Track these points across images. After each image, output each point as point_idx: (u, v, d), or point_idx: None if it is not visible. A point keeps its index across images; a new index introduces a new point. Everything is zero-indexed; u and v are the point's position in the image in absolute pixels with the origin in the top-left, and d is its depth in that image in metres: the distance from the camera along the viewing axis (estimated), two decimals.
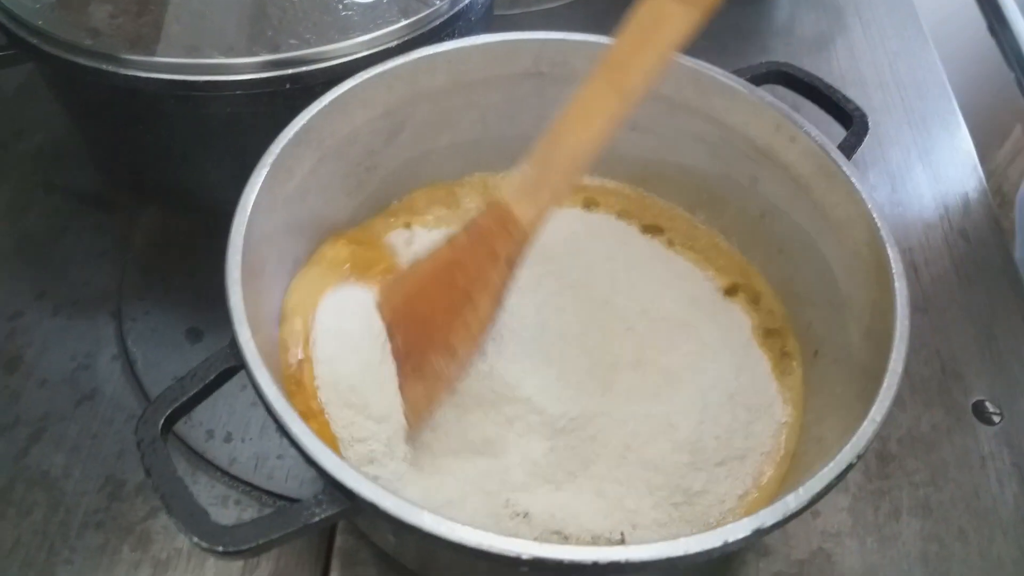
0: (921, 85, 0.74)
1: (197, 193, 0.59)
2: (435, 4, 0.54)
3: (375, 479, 0.38)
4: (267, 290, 0.46)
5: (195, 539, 0.34)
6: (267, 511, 0.49)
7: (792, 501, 0.35)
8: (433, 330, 0.45)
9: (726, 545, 0.33)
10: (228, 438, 0.52)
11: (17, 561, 0.47)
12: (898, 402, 0.54)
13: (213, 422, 0.53)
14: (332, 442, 0.44)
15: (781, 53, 0.76)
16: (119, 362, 0.55)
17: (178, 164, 0.58)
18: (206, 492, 0.50)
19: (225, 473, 0.51)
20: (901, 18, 0.81)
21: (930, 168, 0.68)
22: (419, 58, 0.51)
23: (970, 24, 0.78)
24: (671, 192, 0.58)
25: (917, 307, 0.59)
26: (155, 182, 0.62)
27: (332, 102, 0.49)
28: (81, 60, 0.50)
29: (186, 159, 0.57)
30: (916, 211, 0.65)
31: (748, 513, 0.35)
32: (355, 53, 0.51)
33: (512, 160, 0.57)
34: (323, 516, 0.35)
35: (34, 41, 0.51)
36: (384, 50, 0.52)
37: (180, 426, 0.52)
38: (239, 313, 0.40)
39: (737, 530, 0.34)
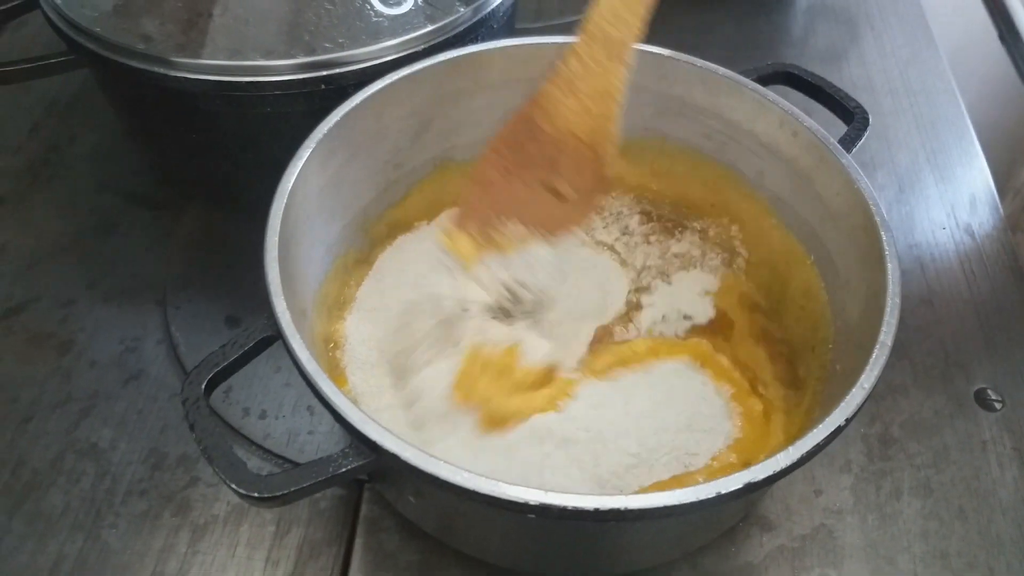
0: (930, 91, 0.76)
1: (237, 190, 0.63)
2: (459, 11, 0.58)
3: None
4: (300, 271, 0.50)
5: (233, 486, 0.38)
6: None
7: (783, 459, 0.37)
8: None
9: (719, 496, 0.36)
10: (263, 415, 0.55)
11: (67, 525, 0.51)
12: (901, 389, 0.57)
13: (249, 400, 0.56)
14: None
15: (794, 61, 0.78)
16: (163, 346, 0.59)
17: (220, 162, 0.62)
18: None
19: (260, 447, 0.54)
20: (912, 27, 0.83)
21: (937, 169, 0.70)
22: (443, 61, 0.55)
23: (982, 33, 0.80)
24: (682, 188, 0.61)
25: (923, 299, 0.62)
26: (198, 180, 0.67)
27: (363, 102, 0.53)
28: (134, 63, 0.54)
29: (228, 157, 0.61)
30: (923, 210, 0.67)
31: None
32: (384, 56, 0.55)
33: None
34: (349, 467, 0.38)
35: (92, 46, 0.56)
36: (411, 54, 0.56)
37: (219, 403, 0.56)
38: (276, 286, 0.43)
39: (730, 483, 0.36)
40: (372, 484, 0.52)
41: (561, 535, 0.45)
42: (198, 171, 0.64)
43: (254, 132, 0.58)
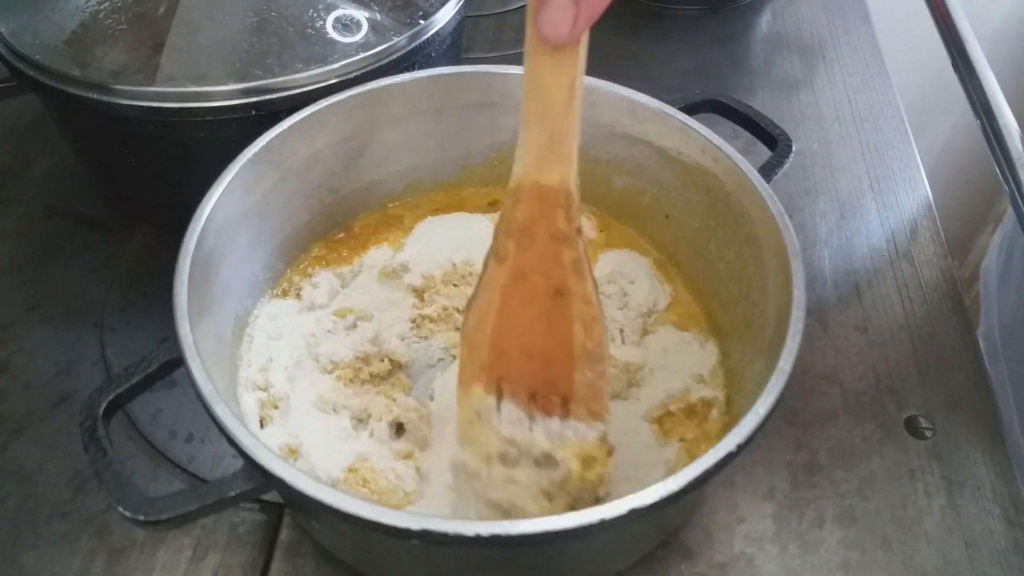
0: (878, 118, 0.77)
1: (179, 213, 0.63)
2: (393, 40, 0.59)
3: None
4: (220, 296, 0.50)
5: (119, 508, 0.38)
6: None
7: (670, 484, 0.37)
8: (548, 352, 0.42)
9: (603, 523, 0.35)
10: (189, 439, 0.56)
11: None
12: (830, 416, 0.56)
13: (177, 424, 0.56)
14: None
15: (742, 90, 0.79)
16: (98, 367, 0.60)
17: (161, 185, 0.63)
18: (164, 487, 0.53)
19: (183, 470, 0.54)
20: (864, 56, 0.84)
21: (880, 196, 0.70)
22: (375, 88, 0.56)
23: (936, 62, 0.81)
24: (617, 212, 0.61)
25: (857, 326, 0.62)
26: (142, 203, 0.67)
27: (291, 127, 0.53)
28: (71, 89, 0.55)
29: (167, 180, 0.62)
30: (863, 236, 0.67)
31: None
32: (316, 83, 0.56)
33: (470, 178, 0.62)
34: (239, 492, 0.39)
35: (32, 73, 0.56)
36: (344, 80, 0.56)
37: (146, 425, 0.56)
38: (182, 310, 0.43)
39: (614, 509, 0.36)
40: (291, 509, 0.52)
41: (466, 564, 0.44)
42: (141, 194, 0.65)
43: (191, 156, 0.59)
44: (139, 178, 0.63)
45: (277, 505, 0.52)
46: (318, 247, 0.59)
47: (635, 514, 0.36)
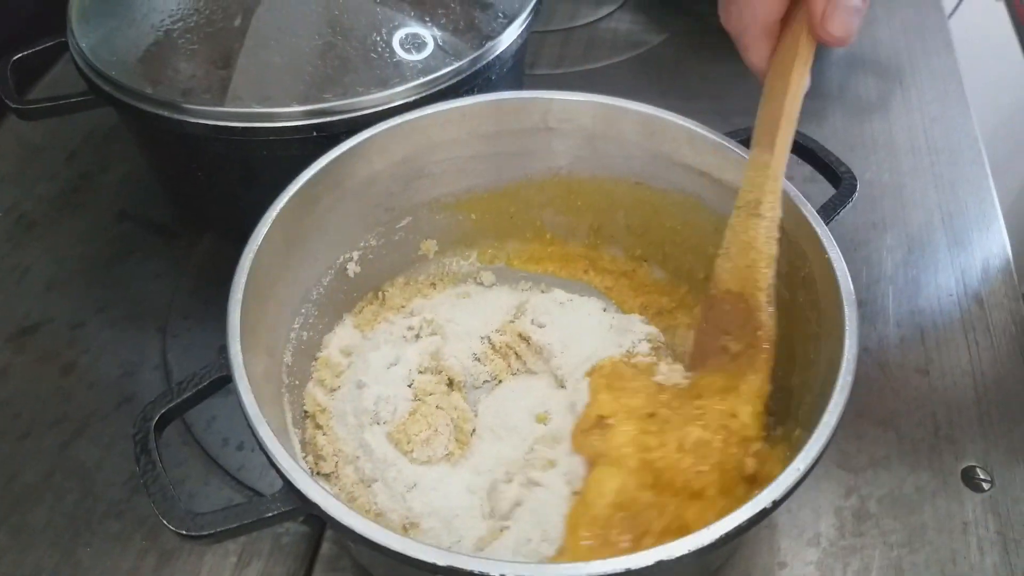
0: (954, 150, 0.74)
1: (243, 224, 0.65)
2: (455, 63, 0.59)
3: None
4: (275, 313, 0.52)
5: (164, 521, 0.39)
6: None
7: (702, 537, 0.36)
8: None
9: (628, 573, 0.35)
10: (240, 447, 0.57)
11: (47, 540, 0.53)
12: (884, 462, 0.55)
13: (229, 431, 0.58)
14: None
15: (813, 113, 0.77)
16: (159, 372, 0.62)
17: (226, 198, 0.65)
18: (215, 493, 0.55)
19: (233, 478, 0.56)
20: (943, 84, 0.81)
21: (952, 232, 0.67)
22: (434, 112, 0.56)
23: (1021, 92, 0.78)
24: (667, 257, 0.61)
25: (918, 368, 0.59)
26: (208, 213, 0.69)
27: (350, 149, 0.54)
28: (143, 106, 0.57)
29: (232, 194, 0.64)
30: (931, 274, 0.65)
31: None
32: (377, 106, 0.57)
33: (526, 205, 0.62)
34: (277, 512, 0.40)
35: (108, 89, 0.59)
36: (403, 104, 0.57)
37: (200, 431, 0.58)
38: (234, 329, 0.45)
39: (642, 559, 0.35)
40: None
41: None
42: (207, 206, 0.67)
43: (254, 172, 0.61)
44: (205, 191, 0.66)
45: (319, 519, 0.53)
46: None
47: (661, 566, 0.36)
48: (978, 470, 0.54)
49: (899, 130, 0.76)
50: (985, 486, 0.53)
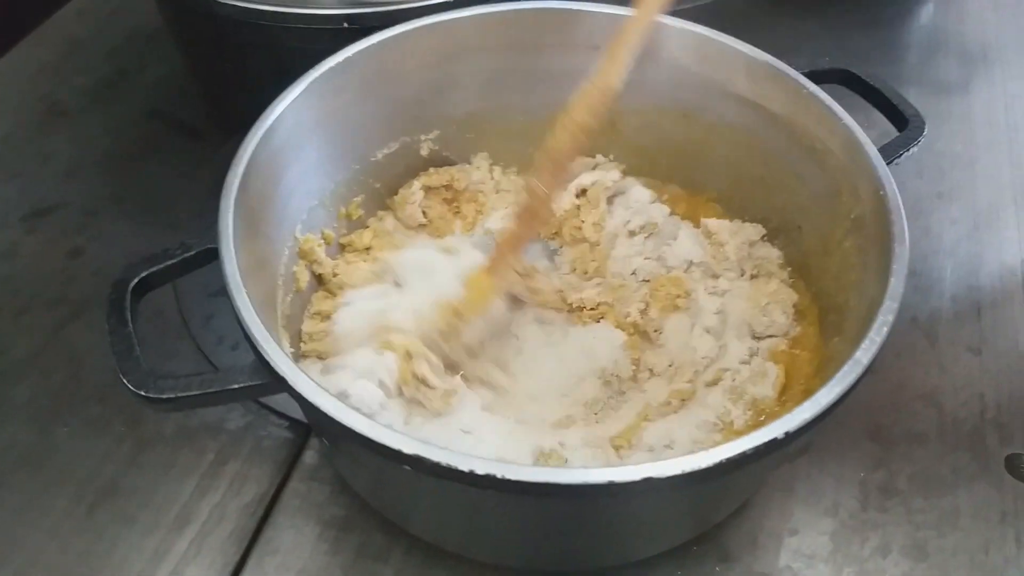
0: None
1: None
2: None
3: None
4: (282, 201, 0.49)
5: (124, 379, 0.37)
6: (250, 417, 0.52)
7: (705, 457, 0.32)
8: None
9: (586, 487, 0.31)
10: (236, 346, 0.55)
11: (25, 416, 0.51)
12: (920, 437, 0.50)
13: (226, 330, 0.55)
14: None
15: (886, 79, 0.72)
16: None
17: (254, 95, 0.62)
18: None
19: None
20: None
21: (1023, 211, 0.62)
22: (472, 15, 0.53)
23: None
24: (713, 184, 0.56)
25: (971, 347, 0.54)
26: (237, 112, 0.66)
27: (380, 42, 0.51)
28: None
29: (260, 90, 0.61)
30: (995, 251, 0.59)
31: None
32: (411, 2, 0.54)
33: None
34: (242, 385, 0.37)
35: None
36: (440, 3, 0.54)
37: (198, 329, 0.56)
38: (229, 198, 0.42)
39: (629, 472, 0.32)
40: None
41: (466, 507, 0.41)
42: (235, 103, 0.65)
43: (283, 65, 0.57)
44: (234, 87, 0.63)
45: (305, 425, 0.51)
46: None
47: (649, 483, 0.32)
48: None
49: (978, 103, 0.70)
50: None
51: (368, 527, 0.46)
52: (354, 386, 0.43)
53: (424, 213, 0.57)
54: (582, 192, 0.57)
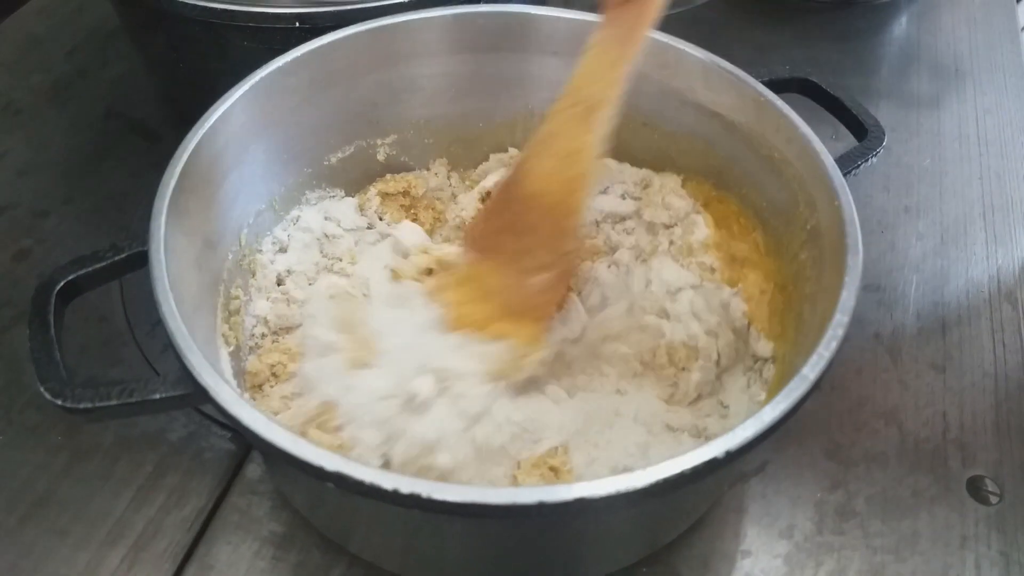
0: (1007, 143, 0.67)
1: None
2: None
3: None
4: (225, 204, 0.47)
5: (42, 387, 0.35)
6: (192, 427, 0.50)
7: (655, 474, 0.31)
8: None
9: (518, 508, 0.30)
10: None
11: None
12: (880, 458, 0.49)
13: None
14: None
15: (856, 91, 0.71)
16: None
17: (210, 96, 0.61)
18: None
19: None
20: (1003, 76, 0.74)
21: (992, 227, 0.61)
22: (428, 17, 0.52)
23: None
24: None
25: (934, 364, 0.53)
26: (193, 114, 0.65)
27: (332, 43, 0.50)
28: None
29: (214, 90, 0.60)
30: (962, 267, 0.58)
31: None
32: (365, 2, 0.52)
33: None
34: (165, 395, 0.35)
35: None
36: (395, 3, 0.52)
37: (142, 334, 0.54)
38: (162, 201, 0.41)
39: (559, 492, 0.30)
40: None
41: (401, 527, 0.39)
42: (191, 104, 0.63)
43: (235, 66, 0.56)
44: (189, 87, 0.62)
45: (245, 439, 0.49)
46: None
47: (582, 504, 0.30)
48: (987, 481, 0.48)
49: (948, 117, 0.70)
50: (992, 499, 0.47)
51: (307, 545, 0.45)
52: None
53: (380, 219, 0.55)
54: (487, 195, 0.55)
